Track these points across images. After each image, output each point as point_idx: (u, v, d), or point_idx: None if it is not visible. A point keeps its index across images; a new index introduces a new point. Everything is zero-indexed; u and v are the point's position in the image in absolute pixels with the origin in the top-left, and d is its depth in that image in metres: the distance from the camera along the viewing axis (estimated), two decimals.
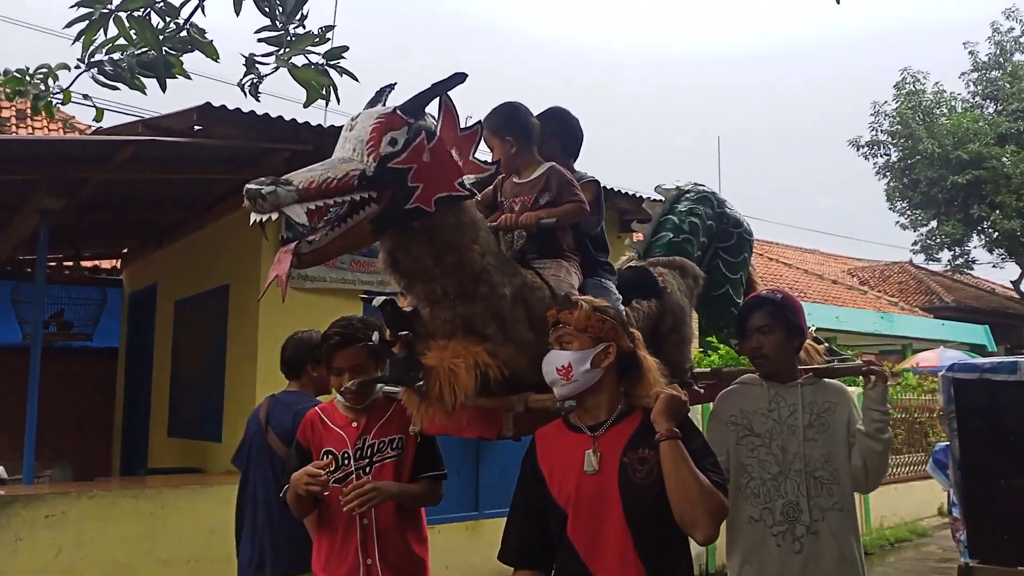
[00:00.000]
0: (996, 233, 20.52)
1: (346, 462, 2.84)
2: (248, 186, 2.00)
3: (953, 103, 22.15)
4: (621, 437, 2.20)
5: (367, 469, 2.84)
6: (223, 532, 5.35)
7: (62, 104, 2.72)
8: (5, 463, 6.24)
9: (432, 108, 2.40)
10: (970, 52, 22.16)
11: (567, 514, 2.18)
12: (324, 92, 2.74)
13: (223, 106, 5.42)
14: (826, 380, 2.94)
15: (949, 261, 22.96)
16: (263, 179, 2.02)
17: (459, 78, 2.32)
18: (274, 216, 2.01)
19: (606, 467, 2.16)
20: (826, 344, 3.83)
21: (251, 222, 2.02)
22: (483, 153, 2.63)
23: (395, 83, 2.47)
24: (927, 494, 11.14)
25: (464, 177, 2.36)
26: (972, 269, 23.39)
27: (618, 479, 2.14)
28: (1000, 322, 21.17)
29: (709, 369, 3.53)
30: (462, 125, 2.46)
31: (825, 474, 2.74)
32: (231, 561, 5.35)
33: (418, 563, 2.89)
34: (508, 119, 2.76)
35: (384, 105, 2.37)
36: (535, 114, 2.90)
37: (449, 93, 2.37)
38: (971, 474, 3.77)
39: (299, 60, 2.74)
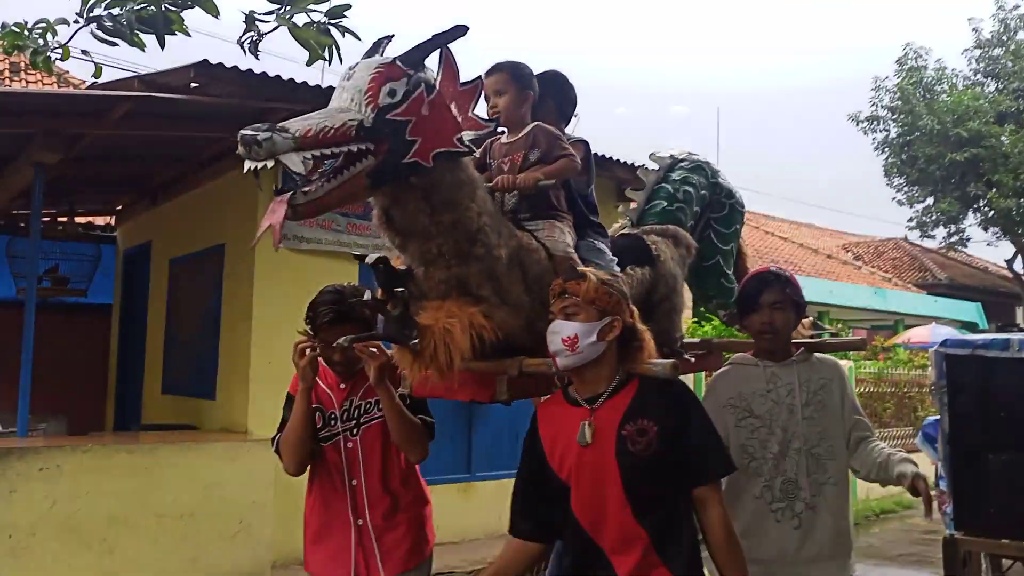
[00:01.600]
0: (992, 212, 20.49)
1: (333, 422, 2.84)
2: (243, 132, 1.93)
3: (954, 80, 22.04)
4: (618, 408, 2.20)
5: (354, 431, 2.83)
6: (217, 488, 5.42)
7: (61, 60, 2.68)
8: None
9: (432, 61, 2.34)
10: (974, 29, 22.00)
11: (568, 487, 2.19)
12: (326, 52, 2.71)
13: (220, 64, 5.37)
14: (818, 355, 2.96)
15: (944, 239, 22.96)
16: (259, 125, 1.95)
17: (460, 30, 2.25)
18: (269, 164, 1.94)
19: (604, 439, 2.16)
20: (810, 318, 3.84)
21: (245, 170, 1.97)
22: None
23: (393, 35, 2.39)
24: None
25: (462, 133, 2.31)
26: (966, 247, 23.40)
27: (615, 450, 2.14)
28: (993, 300, 21.30)
29: (699, 340, 3.54)
30: (461, 79, 2.42)
31: (822, 451, 2.77)
32: (224, 518, 5.42)
33: (415, 521, 2.88)
34: (529, 76, 2.71)
35: (382, 56, 2.30)
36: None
37: (449, 46, 2.33)
38: (959, 448, 3.80)
39: (301, 19, 2.71)
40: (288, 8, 2.72)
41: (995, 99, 20.74)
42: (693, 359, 3.31)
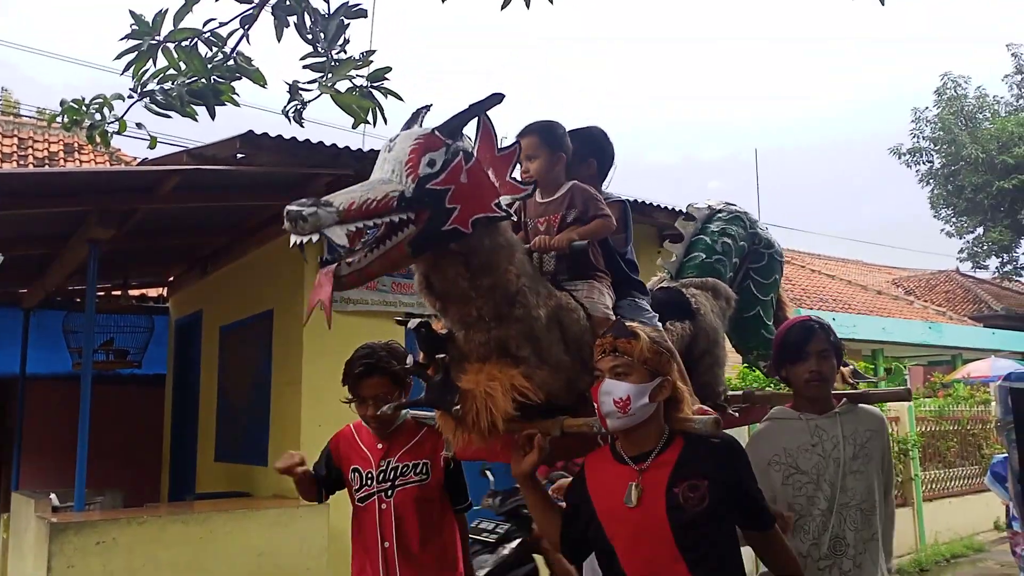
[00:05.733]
0: None
1: (369, 482, 2.90)
2: (289, 208, 1.98)
3: (996, 107, 21.76)
4: (666, 466, 2.16)
5: (389, 492, 2.88)
6: (271, 556, 5.40)
7: (118, 133, 2.79)
8: (57, 491, 6.35)
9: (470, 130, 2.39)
10: (1013, 54, 21.80)
11: (614, 548, 2.15)
12: (369, 115, 2.77)
13: (265, 134, 5.50)
14: (862, 406, 2.89)
15: (997, 268, 22.52)
16: (304, 200, 2.00)
17: (496, 98, 2.30)
18: (315, 238, 1.98)
19: (653, 498, 2.12)
20: (850, 367, 3.75)
21: (291, 244, 2.01)
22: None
23: (431, 104, 2.45)
24: (982, 508, 10.85)
25: (500, 198, 2.33)
26: (1021, 276, 22.86)
27: (666, 507, 2.10)
28: None
29: (741, 393, 3.48)
30: (499, 145, 2.45)
31: (868, 506, 2.71)
32: None
33: None
34: (561, 137, 2.73)
35: (420, 126, 2.35)
36: (573, 130, 2.89)
37: (488, 113, 2.37)
38: None
39: (343, 85, 2.77)
40: (330, 76, 2.79)
41: None
42: (737, 413, 3.24)
